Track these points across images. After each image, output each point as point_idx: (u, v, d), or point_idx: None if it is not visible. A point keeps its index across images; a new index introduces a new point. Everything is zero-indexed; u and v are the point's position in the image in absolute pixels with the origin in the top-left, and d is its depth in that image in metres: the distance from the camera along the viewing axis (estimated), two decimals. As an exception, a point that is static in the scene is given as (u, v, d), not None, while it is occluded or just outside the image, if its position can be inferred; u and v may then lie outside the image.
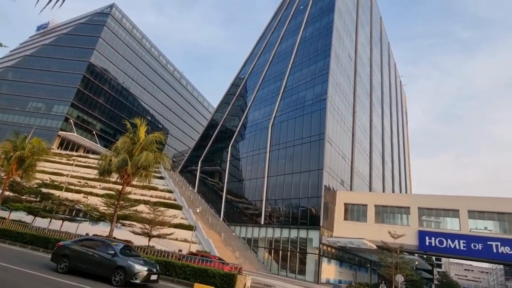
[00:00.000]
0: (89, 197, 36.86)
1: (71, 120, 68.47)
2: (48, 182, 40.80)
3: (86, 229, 32.95)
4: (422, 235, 32.15)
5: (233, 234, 42.62)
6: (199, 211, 36.85)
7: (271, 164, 43.27)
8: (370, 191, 51.33)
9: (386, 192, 61.22)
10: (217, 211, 48.62)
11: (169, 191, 47.62)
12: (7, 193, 28.82)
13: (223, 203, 48.47)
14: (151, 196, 43.01)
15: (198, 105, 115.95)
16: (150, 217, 28.33)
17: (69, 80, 71.33)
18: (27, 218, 32.50)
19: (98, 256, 11.86)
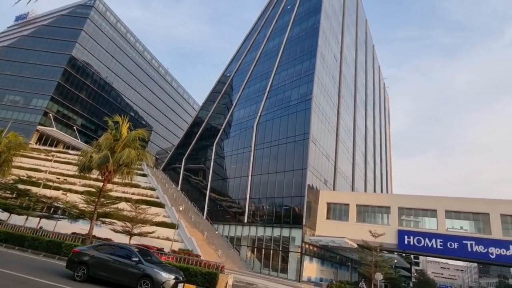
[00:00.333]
0: (68, 194, 35.90)
1: (51, 114, 66.39)
2: (25, 178, 39.46)
3: (64, 227, 32.10)
4: (401, 234, 32.96)
5: (216, 232, 42.50)
6: (182, 209, 36.53)
7: (256, 162, 43.34)
8: (352, 190, 52.19)
9: (368, 192, 62.38)
10: (201, 210, 48.35)
11: (152, 189, 46.98)
12: (-19, 189, 27.72)
13: (207, 201, 48.24)
14: (133, 193, 42.32)
15: (183, 102, 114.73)
16: (131, 215, 27.91)
17: (49, 73, 69.10)
18: (3, 215, 31.36)
19: (120, 263, 11.10)
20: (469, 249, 30.10)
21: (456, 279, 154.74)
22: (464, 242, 30.52)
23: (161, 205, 40.95)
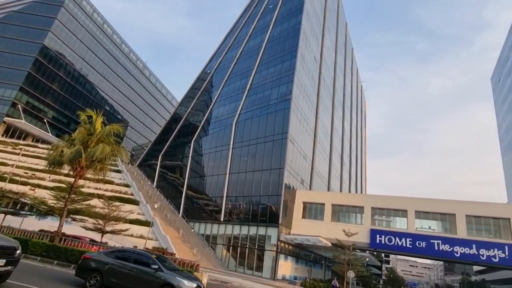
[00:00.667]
0: (36, 190, 34.34)
1: (20, 106, 63.19)
2: (-11, 172, 37.38)
3: (32, 223, 30.71)
4: (373, 233, 33.97)
5: (192, 230, 42.08)
6: (157, 206, 35.86)
7: (234, 161, 43.26)
8: (328, 190, 53.20)
9: (343, 191, 63.82)
10: (176, 207, 47.69)
11: (126, 185, 45.83)
12: None
13: (183, 199, 47.65)
14: (106, 190, 41.09)
15: (161, 98, 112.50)
16: (104, 212, 27.06)
17: (19, 62, 65.67)
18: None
19: (139, 271, 10.34)
20: (436, 248, 31.49)
21: (423, 277, 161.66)
22: (431, 241, 31.89)
23: (135, 202, 40.02)
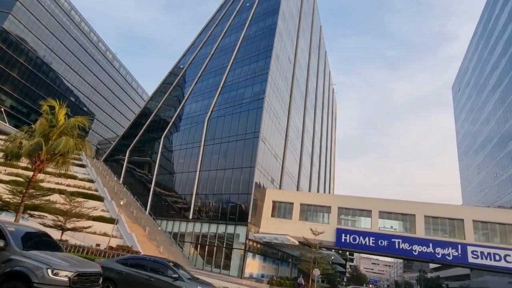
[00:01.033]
0: (-10, 183, 31.99)
1: (-27, 92, 58.58)
2: None
3: (-17, 219, 28.57)
4: (339, 232, 35.04)
5: (159, 228, 41.19)
6: (123, 203, 34.70)
7: (205, 158, 42.82)
8: (297, 190, 54.10)
9: (311, 191, 65.18)
10: (144, 204, 46.43)
11: (91, 181, 43.94)
12: None
13: (151, 196, 46.48)
14: (68, 185, 39.14)
15: (131, 91, 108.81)
16: (65, 208, 25.82)
17: (-26, 45, 60.87)
18: None
19: (156, 280, 9.58)
20: (397, 247, 33.06)
21: (384, 274, 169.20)
22: (393, 240, 33.44)
23: (100, 199, 38.50)
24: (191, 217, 39.65)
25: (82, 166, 48.81)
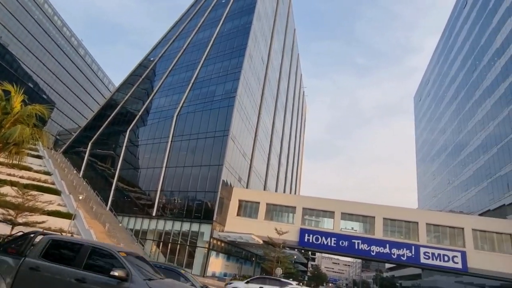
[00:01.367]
0: None
1: None
2: None
3: None
4: (302, 232, 35.77)
5: (120, 225, 39.71)
6: (82, 198, 33.02)
7: (172, 154, 41.89)
8: (264, 189, 54.52)
9: (278, 191, 66.00)
10: (105, 200, 44.48)
11: (47, 173, 41.36)
12: None
13: (113, 191, 44.64)
14: (21, 177, 36.54)
15: (96, 81, 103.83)
16: (17, 201, 24.10)
17: None
18: None
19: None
20: (356, 247, 34.38)
21: (343, 273, 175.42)
22: (353, 240, 34.73)
23: (57, 192, 36.34)
24: (154, 214, 38.62)
25: (38, 157, 45.83)
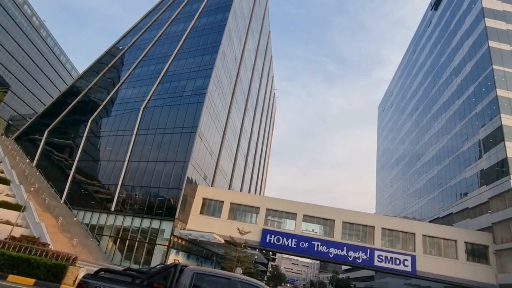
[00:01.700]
0: None
1: None
2: None
3: None
4: (264, 232, 36.13)
5: (75, 219, 37.67)
6: (34, 189, 30.93)
7: (136, 148, 40.48)
8: (229, 188, 54.37)
9: (243, 191, 66.12)
10: (60, 192, 41.95)
11: (-4, 160, 38.29)
12: None
13: (69, 183, 42.23)
14: (-35, 162, 33.61)
15: (58, 65, 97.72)
16: (-42, 189, 22.09)
17: None
18: None
19: None
20: (316, 249, 35.33)
21: (302, 274, 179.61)
22: (313, 242, 35.66)
23: (5, 182, 33.73)
24: (113, 209, 37.08)
25: (-14, 142, 42.30)
